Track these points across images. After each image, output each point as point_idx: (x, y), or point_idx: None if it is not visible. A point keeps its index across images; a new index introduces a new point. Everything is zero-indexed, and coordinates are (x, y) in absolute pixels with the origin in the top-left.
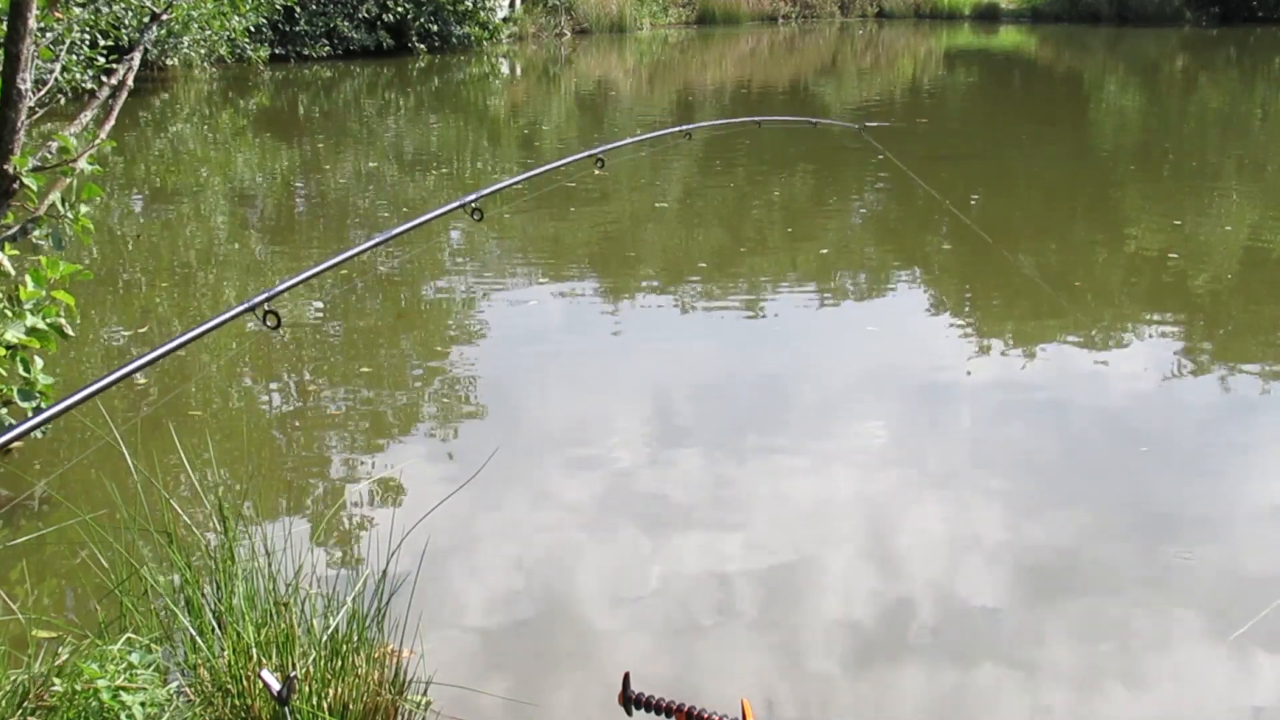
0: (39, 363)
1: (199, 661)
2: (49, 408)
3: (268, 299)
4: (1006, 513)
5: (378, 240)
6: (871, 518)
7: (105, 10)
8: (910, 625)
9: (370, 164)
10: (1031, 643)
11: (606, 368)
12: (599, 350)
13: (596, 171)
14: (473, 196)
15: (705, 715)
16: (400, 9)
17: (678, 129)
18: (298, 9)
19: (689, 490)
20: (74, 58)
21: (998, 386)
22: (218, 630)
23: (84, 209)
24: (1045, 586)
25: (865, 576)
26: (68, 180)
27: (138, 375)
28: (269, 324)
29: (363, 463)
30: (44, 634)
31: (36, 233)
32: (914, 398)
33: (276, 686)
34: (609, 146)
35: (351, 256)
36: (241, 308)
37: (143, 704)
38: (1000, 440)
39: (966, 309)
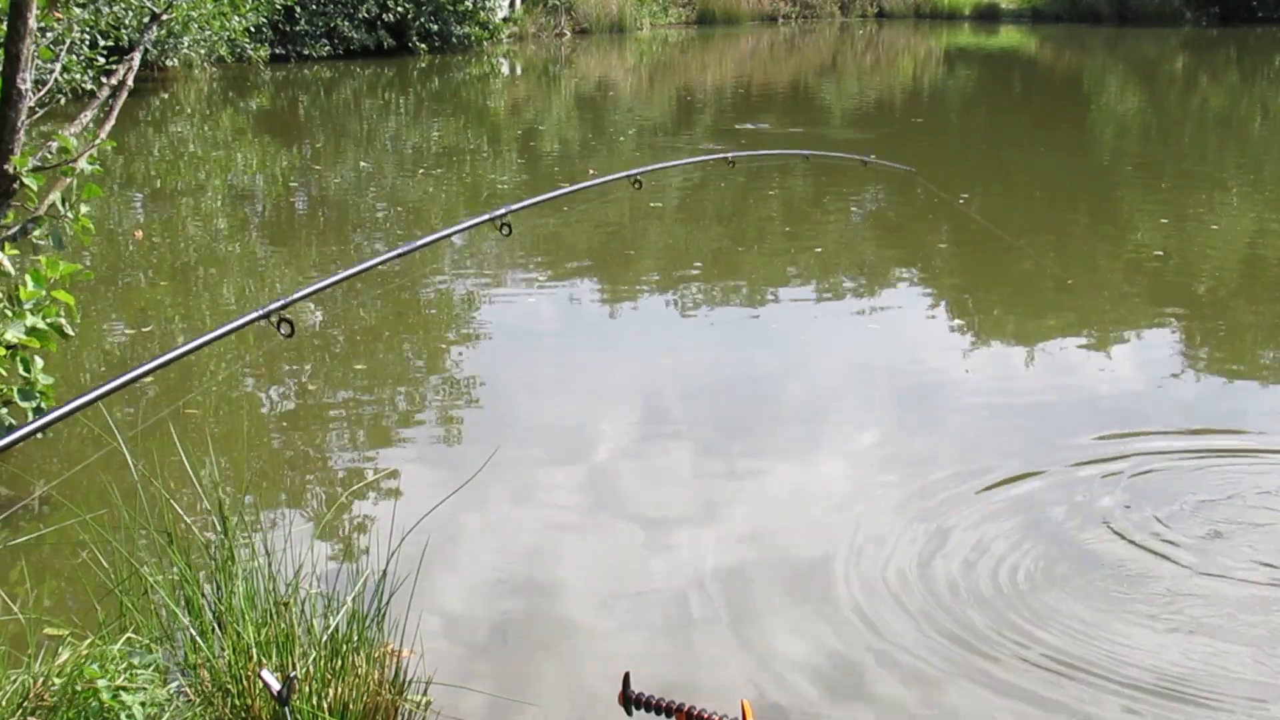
0: (39, 363)
1: (199, 661)
2: (51, 410)
3: (283, 307)
4: (1003, 509)
5: (396, 253)
6: (871, 516)
7: (105, 10)
8: (908, 624)
9: (370, 164)
10: (1029, 639)
11: (606, 368)
12: (598, 350)
13: (635, 189)
14: (501, 210)
15: (705, 715)
16: (400, 9)
17: (720, 156)
18: (298, 9)
19: (690, 491)
20: (74, 58)
21: (998, 384)
22: (218, 630)
23: (84, 209)
24: (1040, 584)
25: (864, 575)
26: (68, 180)
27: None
28: (283, 332)
29: (363, 462)
30: (53, 631)
31: (36, 233)
32: (914, 396)
33: (276, 686)
34: (647, 169)
35: (368, 268)
36: (255, 315)
37: (143, 704)
38: (998, 438)
39: (966, 306)
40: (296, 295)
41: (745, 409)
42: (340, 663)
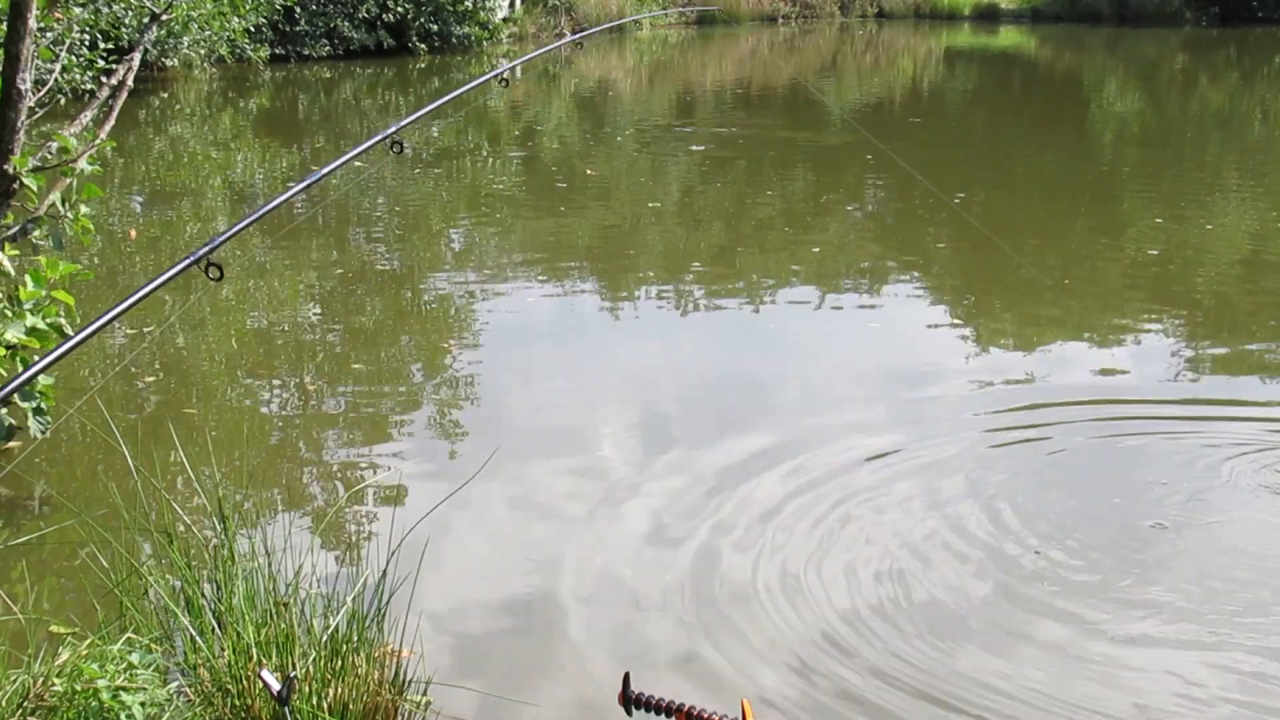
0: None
1: (199, 661)
2: (32, 366)
3: (209, 251)
4: (999, 507)
5: (306, 183)
6: (873, 516)
7: (105, 10)
8: (908, 622)
9: (369, 163)
10: (1024, 636)
11: (606, 367)
12: (598, 350)
13: (501, 87)
14: (393, 129)
15: (705, 715)
16: (400, 9)
17: (560, 43)
18: (298, 9)
19: (691, 491)
20: (74, 58)
21: (996, 381)
22: (218, 630)
23: (84, 209)
24: (1035, 584)
25: (867, 575)
26: (68, 180)
27: (143, 374)
28: (212, 276)
29: (362, 462)
30: (58, 630)
31: (36, 233)
32: (914, 394)
33: (276, 686)
34: (512, 64)
35: (284, 201)
36: (186, 262)
37: (143, 704)
38: (997, 435)
39: (964, 304)
40: (221, 238)
41: (745, 409)
42: (340, 663)
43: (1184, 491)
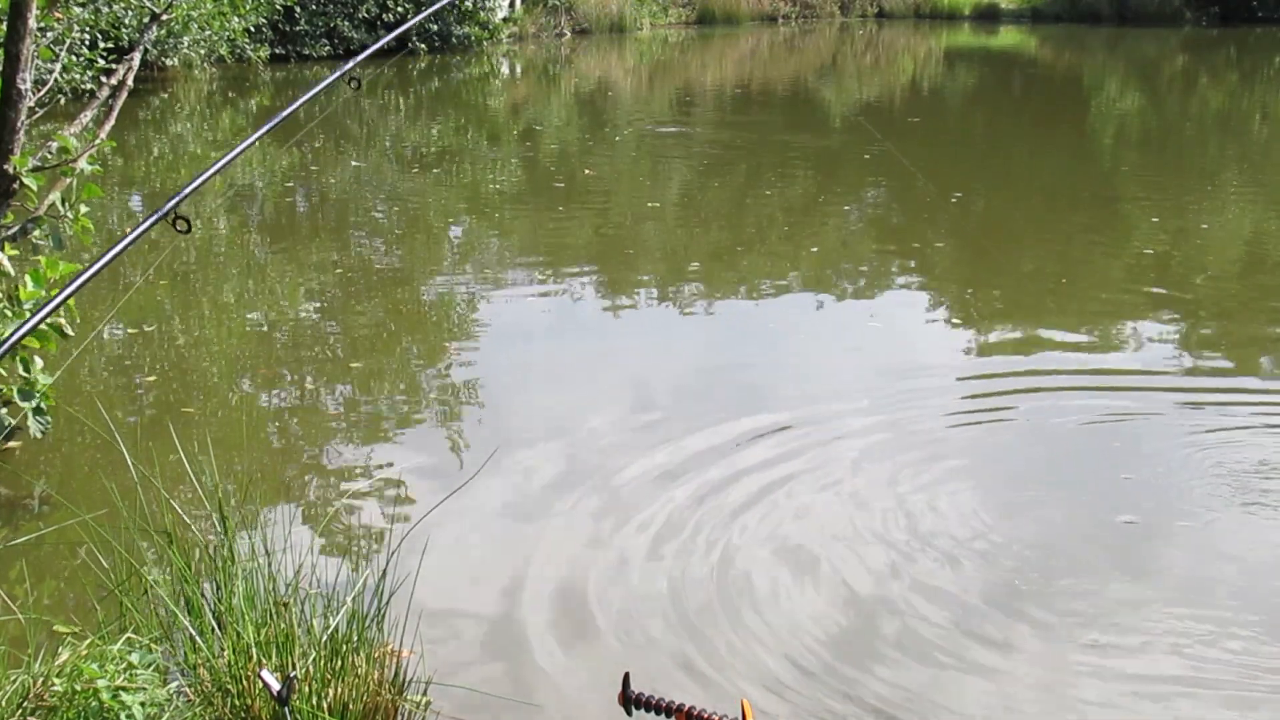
0: (39, 363)
1: (199, 661)
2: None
3: (175, 205)
4: (996, 507)
5: (266, 128)
6: (873, 516)
7: (105, 10)
8: (908, 620)
9: (368, 164)
10: (1016, 632)
11: (607, 368)
12: (599, 350)
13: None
14: (349, 65)
15: (705, 715)
16: (400, 9)
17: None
18: (298, 9)
19: (692, 490)
20: (74, 58)
21: (992, 379)
22: (218, 630)
23: (83, 209)
24: (1026, 583)
25: (867, 573)
26: (68, 180)
27: (144, 373)
28: (179, 228)
29: (362, 462)
30: (61, 629)
31: (36, 233)
32: (914, 393)
33: (276, 686)
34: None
35: (245, 149)
36: (154, 218)
37: (143, 704)
38: (994, 432)
39: (962, 303)
40: (185, 191)
41: (746, 409)
42: (340, 663)
43: (1173, 488)
